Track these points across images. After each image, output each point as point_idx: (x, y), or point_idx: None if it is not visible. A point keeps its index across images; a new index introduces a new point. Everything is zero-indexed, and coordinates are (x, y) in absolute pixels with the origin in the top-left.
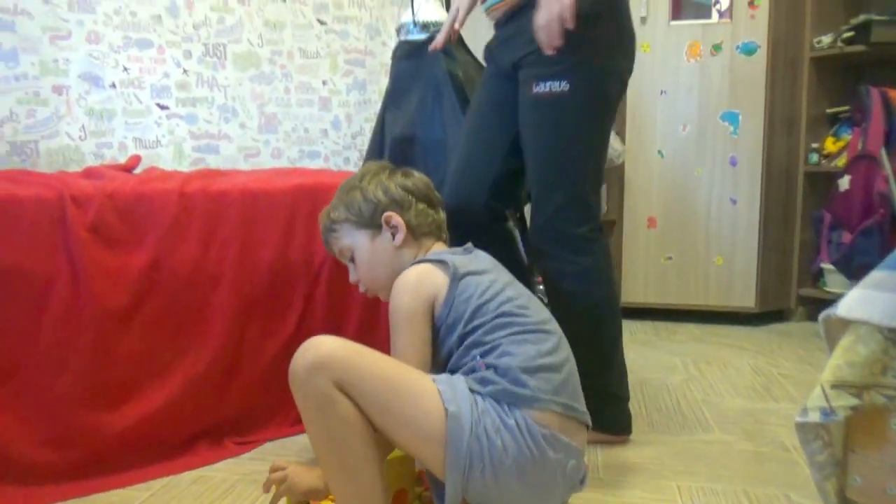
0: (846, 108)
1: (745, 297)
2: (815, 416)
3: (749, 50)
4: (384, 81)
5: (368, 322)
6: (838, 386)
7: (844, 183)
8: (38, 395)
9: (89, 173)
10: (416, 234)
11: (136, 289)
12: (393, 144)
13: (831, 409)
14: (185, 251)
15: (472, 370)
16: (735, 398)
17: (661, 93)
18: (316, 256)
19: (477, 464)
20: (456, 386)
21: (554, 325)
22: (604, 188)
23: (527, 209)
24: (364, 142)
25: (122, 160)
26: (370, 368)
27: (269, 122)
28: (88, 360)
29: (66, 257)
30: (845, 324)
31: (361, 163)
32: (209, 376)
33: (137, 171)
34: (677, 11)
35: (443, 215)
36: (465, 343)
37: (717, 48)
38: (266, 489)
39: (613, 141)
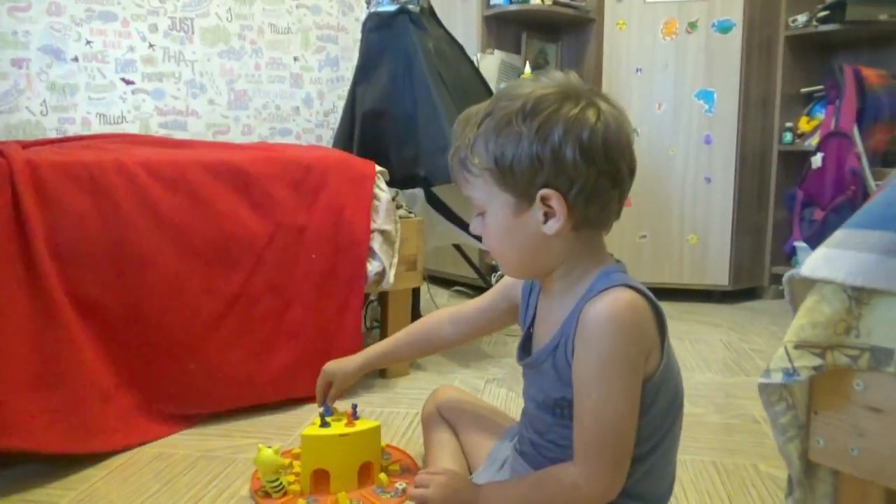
0: (820, 87)
1: (718, 276)
2: (777, 377)
3: (724, 28)
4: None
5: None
6: (801, 346)
7: (817, 160)
8: None
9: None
10: (580, 225)
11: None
12: (363, 119)
13: (794, 369)
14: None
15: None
16: (706, 372)
17: (637, 71)
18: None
19: None
20: None
21: None
22: None
23: None
24: (337, 119)
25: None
26: None
27: (239, 99)
28: None
29: None
30: (809, 284)
31: (334, 138)
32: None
33: None
34: None
35: (628, 186)
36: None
37: (692, 26)
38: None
39: None
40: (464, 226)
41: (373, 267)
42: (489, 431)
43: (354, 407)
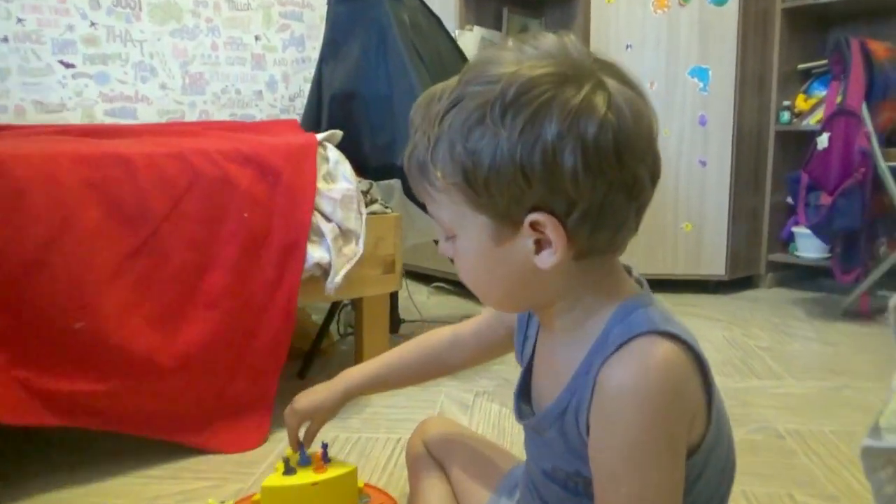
0: (819, 62)
1: (714, 265)
2: (893, 440)
3: (720, 0)
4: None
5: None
6: None
7: (823, 141)
8: None
9: None
10: (585, 254)
11: None
12: (332, 102)
13: None
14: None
15: None
16: (715, 376)
17: (627, 47)
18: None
19: None
20: None
21: None
22: None
23: None
24: (304, 104)
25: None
26: None
27: (195, 83)
28: None
29: None
30: None
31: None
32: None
33: None
34: None
35: (649, 197)
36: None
37: None
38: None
39: None
40: None
41: (315, 253)
42: (485, 478)
43: (325, 447)
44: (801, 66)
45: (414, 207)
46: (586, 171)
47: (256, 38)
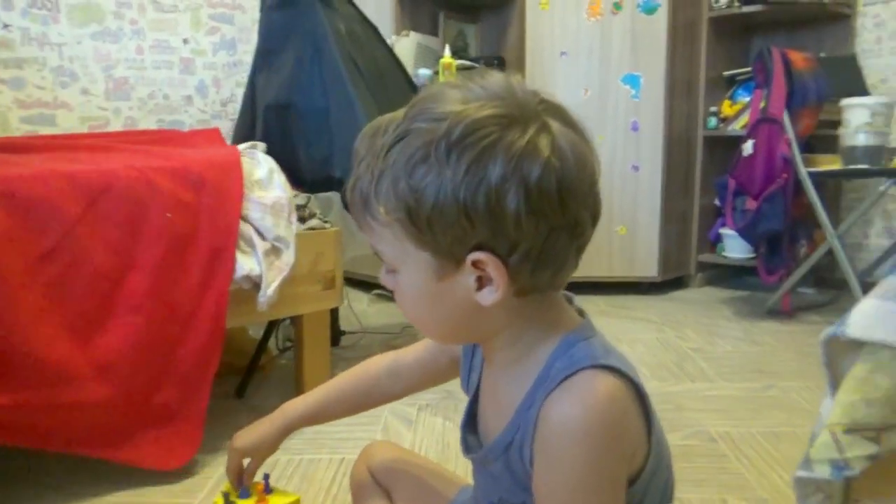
0: (743, 70)
1: (648, 267)
2: (823, 472)
3: (650, 8)
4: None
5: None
6: (853, 430)
7: (748, 147)
8: None
9: None
10: (526, 291)
11: None
12: (266, 113)
13: (845, 462)
14: None
15: None
16: (651, 381)
17: (562, 54)
18: None
19: None
20: None
21: None
22: None
23: None
24: (237, 110)
25: None
26: None
27: (119, 88)
28: None
29: None
30: (856, 346)
31: (232, 135)
32: None
33: None
34: None
35: (590, 236)
36: None
37: (617, 6)
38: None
39: None
40: None
41: (246, 264)
42: (435, 498)
43: (266, 477)
44: (726, 73)
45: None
46: (529, 214)
47: (185, 41)
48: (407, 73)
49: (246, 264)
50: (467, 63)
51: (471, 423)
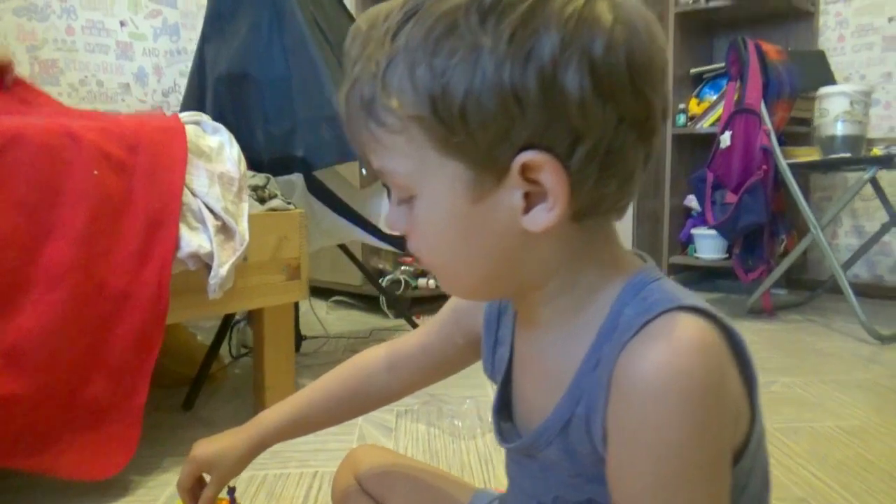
0: (712, 67)
1: None
2: None
3: None
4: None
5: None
6: None
7: (726, 139)
8: None
9: None
10: (587, 212)
11: None
12: (217, 86)
13: None
14: None
15: None
16: None
17: None
18: None
19: None
20: None
21: None
22: None
23: None
24: (181, 101)
25: None
26: None
27: (47, 71)
28: None
29: None
30: None
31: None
32: None
33: None
34: None
35: (657, 142)
36: None
37: None
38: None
39: None
40: (358, 220)
41: (193, 240)
42: None
43: (232, 491)
44: (693, 71)
45: (319, 205)
46: (595, 94)
47: (122, 23)
48: None
49: (193, 240)
50: None
51: (503, 410)
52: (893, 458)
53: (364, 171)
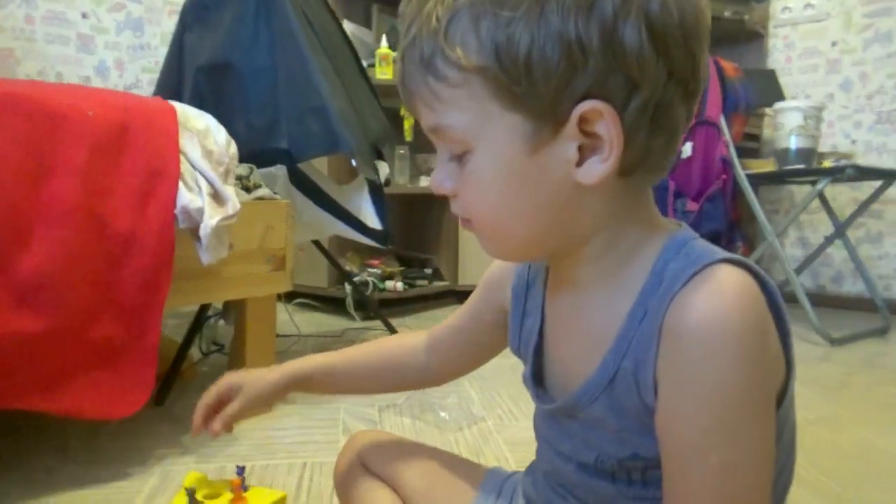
0: None
1: None
2: None
3: None
4: (168, 24)
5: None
6: None
7: (687, 149)
8: None
9: None
10: (636, 165)
11: None
12: (197, 76)
13: None
14: None
15: None
16: None
17: None
18: None
19: None
20: None
21: None
22: None
23: None
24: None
25: None
26: None
27: (3, 61)
28: None
29: None
30: None
31: None
32: None
33: None
34: None
35: (696, 102)
36: None
37: None
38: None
39: None
40: (341, 213)
41: (186, 195)
42: (458, 479)
43: (241, 470)
44: None
45: (301, 198)
46: (652, 45)
47: (83, 15)
48: (356, 52)
49: (186, 195)
50: None
51: (536, 376)
52: (861, 443)
53: (354, 162)
